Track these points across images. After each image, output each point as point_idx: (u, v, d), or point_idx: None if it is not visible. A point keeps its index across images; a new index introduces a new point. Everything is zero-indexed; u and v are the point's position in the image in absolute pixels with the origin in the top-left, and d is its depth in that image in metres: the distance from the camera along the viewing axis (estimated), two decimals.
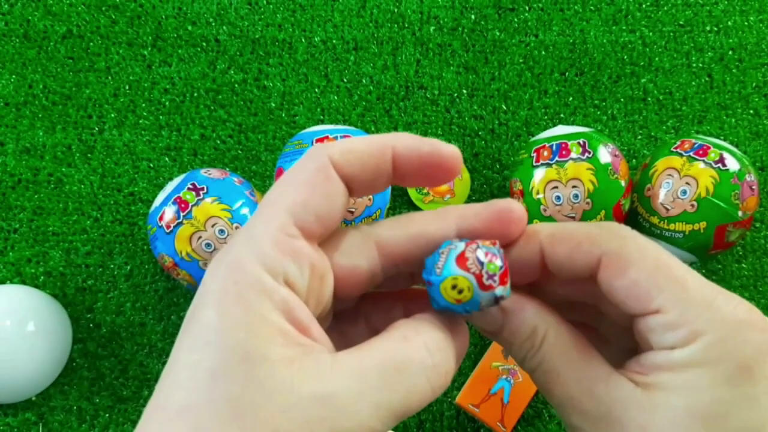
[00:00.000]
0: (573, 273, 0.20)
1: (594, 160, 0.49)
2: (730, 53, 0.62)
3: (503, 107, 0.60)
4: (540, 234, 0.21)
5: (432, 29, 0.63)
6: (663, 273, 0.18)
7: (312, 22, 0.63)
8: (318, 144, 0.20)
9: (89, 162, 0.58)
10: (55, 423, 0.51)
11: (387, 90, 0.61)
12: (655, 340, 0.19)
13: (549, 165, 0.49)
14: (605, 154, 0.49)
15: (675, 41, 0.62)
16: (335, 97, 0.60)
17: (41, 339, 0.49)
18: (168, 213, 0.47)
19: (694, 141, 0.51)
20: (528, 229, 0.21)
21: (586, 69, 0.61)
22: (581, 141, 0.49)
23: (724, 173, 0.48)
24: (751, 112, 0.60)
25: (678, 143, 0.51)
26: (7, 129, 0.59)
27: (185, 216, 0.47)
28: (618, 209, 0.49)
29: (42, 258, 0.55)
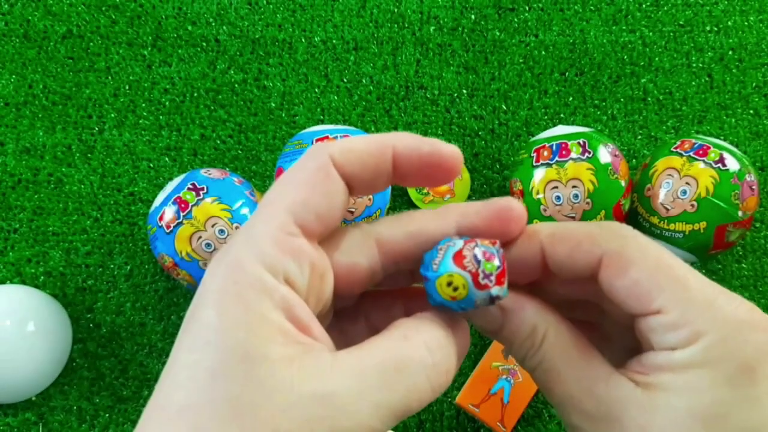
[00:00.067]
0: (574, 272, 0.20)
1: (594, 160, 0.49)
2: (730, 53, 0.62)
3: (503, 107, 0.60)
4: (540, 233, 0.21)
5: (432, 29, 0.63)
6: (664, 273, 0.18)
7: (312, 22, 0.63)
8: (318, 143, 0.20)
9: (89, 162, 0.58)
10: (55, 423, 0.51)
11: (387, 90, 0.61)
12: (656, 340, 0.19)
13: (549, 165, 0.49)
14: (605, 154, 0.49)
15: (675, 41, 0.62)
16: (335, 97, 0.60)
17: (41, 339, 0.49)
18: (168, 213, 0.47)
19: (694, 141, 0.51)
20: (528, 229, 0.21)
21: (586, 69, 0.61)
22: (581, 141, 0.49)
23: (724, 173, 0.48)
24: (751, 112, 0.60)
25: (678, 143, 0.51)
26: (7, 129, 0.59)
27: (185, 216, 0.47)
28: (618, 209, 0.49)
29: (42, 258, 0.55)
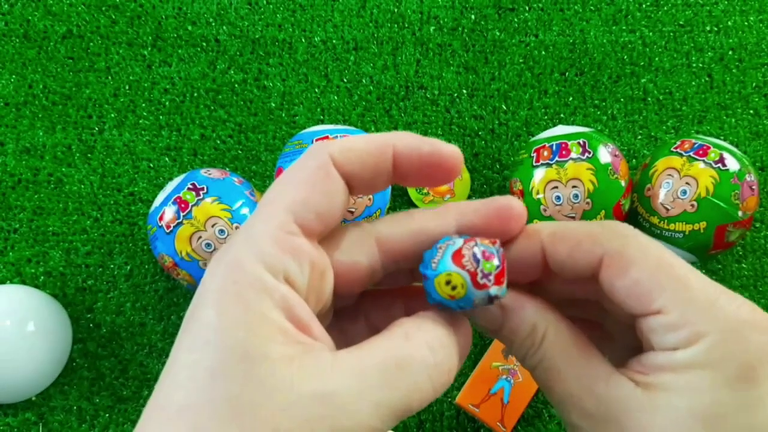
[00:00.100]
0: (574, 272, 0.20)
1: (594, 160, 0.49)
2: (730, 53, 0.62)
3: (503, 107, 0.60)
4: (541, 233, 0.20)
5: (432, 29, 0.63)
6: (665, 273, 0.18)
7: (312, 22, 0.63)
8: (318, 142, 0.20)
9: (89, 162, 0.58)
10: (55, 423, 0.51)
11: (387, 90, 0.61)
12: (657, 340, 0.19)
13: (549, 165, 0.49)
14: (605, 154, 0.49)
15: (675, 41, 0.62)
16: (335, 97, 0.60)
17: (41, 339, 0.49)
18: (168, 213, 0.47)
19: (694, 141, 0.51)
20: (529, 228, 0.21)
21: (586, 69, 0.61)
22: (581, 141, 0.49)
23: (724, 173, 0.48)
24: (751, 112, 0.60)
25: (678, 143, 0.51)
26: (7, 129, 0.59)
27: (185, 216, 0.47)
28: (618, 209, 0.49)
29: (42, 258, 0.55)
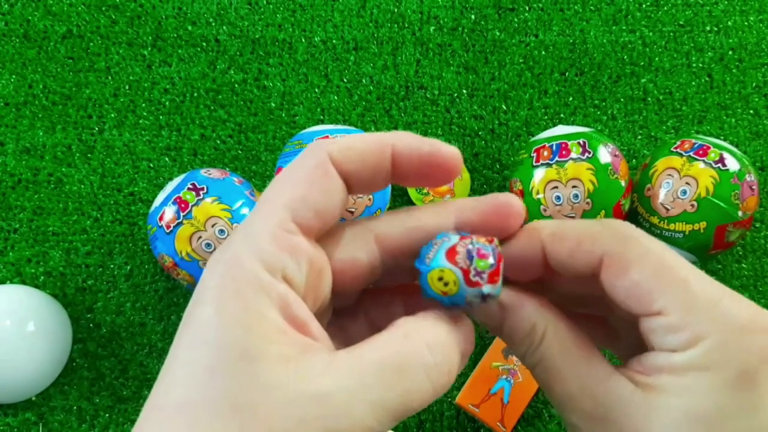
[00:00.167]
0: (575, 271, 0.20)
1: (594, 160, 0.49)
2: (730, 53, 0.62)
3: (503, 107, 0.60)
4: (541, 232, 0.20)
5: (432, 29, 0.63)
6: (666, 274, 0.18)
7: (312, 22, 0.63)
8: (317, 141, 0.20)
9: (89, 162, 0.58)
10: (55, 423, 0.51)
11: (387, 90, 0.61)
12: (657, 341, 0.18)
13: (549, 165, 0.49)
14: (605, 154, 0.49)
15: (675, 41, 0.62)
16: (335, 97, 0.60)
17: (41, 339, 0.49)
18: (168, 213, 0.47)
19: (694, 141, 0.51)
20: (529, 227, 0.21)
21: (586, 69, 0.61)
22: (581, 141, 0.49)
23: (724, 173, 0.48)
24: (751, 112, 0.60)
25: (678, 143, 0.51)
26: (7, 129, 0.59)
27: (185, 216, 0.47)
28: (618, 209, 0.49)
29: (42, 258, 0.55)
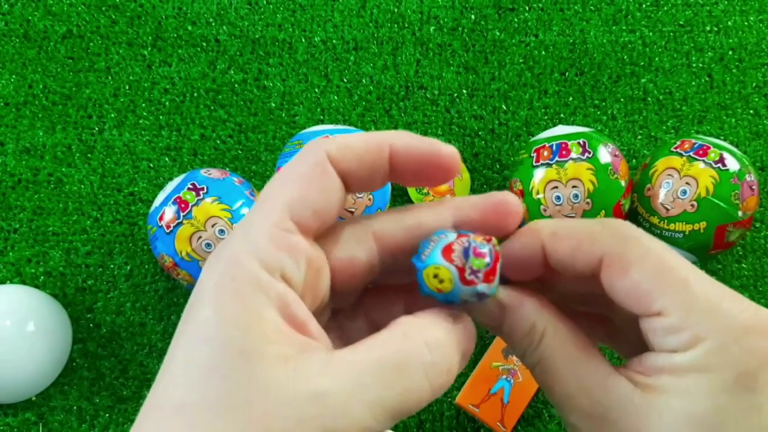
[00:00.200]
0: (575, 271, 0.20)
1: (594, 160, 0.49)
2: (730, 53, 0.62)
3: (503, 107, 0.60)
4: (541, 231, 0.20)
5: (432, 29, 0.63)
6: (666, 274, 0.18)
7: (312, 22, 0.63)
8: (315, 140, 0.20)
9: (89, 162, 0.58)
10: (55, 423, 0.51)
11: (387, 90, 0.61)
12: (657, 342, 0.18)
13: (549, 165, 0.49)
14: (605, 154, 0.49)
15: (675, 41, 0.62)
16: (335, 97, 0.60)
17: (41, 339, 0.49)
18: (168, 213, 0.47)
19: (694, 141, 0.51)
20: (529, 227, 0.21)
21: (586, 69, 0.61)
22: (581, 141, 0.49)
23: (724, 173, 0.48)
24: (751, 112, 0.60)
25: (678, 143, 0.51)
26: (7, 129, 0.59)
27: (185, 216, 0.47)
28: (618, 209, 0.49)
29: (42, 258, 0.55)
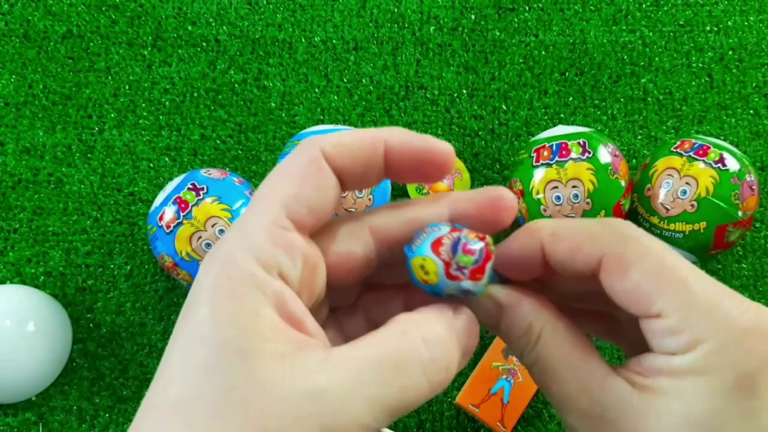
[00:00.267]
0: (575, 271, 0.20)
1: (594, 160, 0.49)
2: (730, 53, 0.62)
3: (503, 107, 0.60)
4: (541, 231, 0.20)
5: (432, 29, 0.63)
6: (665, 276, 0.18)
7: (312, 22, 0.63)
8: (310, 137, 0.20)
9: (89, 162, 0.58)
10: (55, 423, 0.51)
11: (387, 90, 0.61)
12: (656, 343, 0.18)
13: (549, 165, 0.49)
14: (605, 154, 0.49)
15: (675, 41, 0.62)
16: (335, 97, 0.60)
17: (41, 339, 0.49)
18: (168, 213, 0.47)
19: (694, 141, 0.51)
20: (529, 226, 0.21)
21: (586, 69, 0.61)
22: (581, 141, 0.49)
23: (724, 173, 0.48)
24: (751, 112, 0.60)
25: (678, 143, 0.51)
26: (7, 129, 0.59)
27: (185, 216, 0.47)
28: (618, 209, 0.49)
29: (42, 258, 0.55)
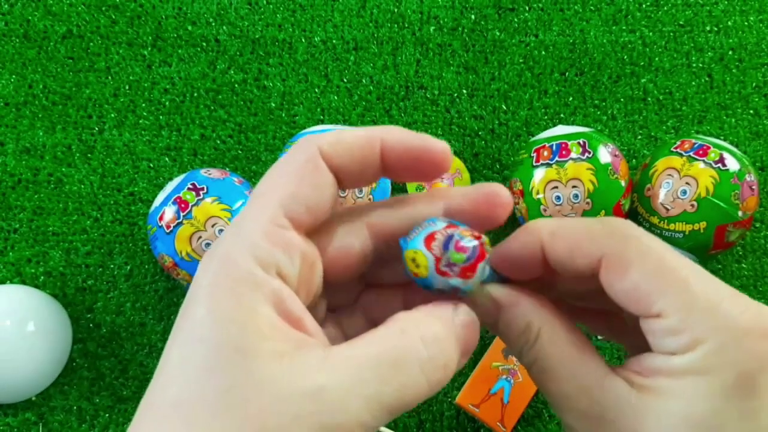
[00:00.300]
0: (575, 271, 0.20)
1: (594, 160, 0.49)
2: (730, 53, 0.62)
3: (503, 107, 0.60)
4: (541, 231, 0.20)
5: (432, 29, 0.62)
6: (665, 275, 0.18)
7: (312, 22, 0.63)
8: (307, 136, 0.20)
9: (89, 162, 0.58)
10: (55, 423, 0.51)
11: (387, 90, 0.61)
12: (656, 343, 0.18)
13: (549, 165, 0.49)
14: (605, 154, 0.49)
15: (675, 41, 0.62)
16: (335, 97, 0.60)
17: (41, 339, 0.49)
18: (168, 213, 0.47)
19: (694, 141, 0.51)
20: (529, 226, 0.21)
21: (586, 69, 0.61)
22: (581, 141, 0.49)
23: (724, 173, 0.48)
24: (751, 112, 0.60)
25: (678, 143, 0.51)
26: (7, 129, 0.59)
27: (185, 216, 0.47)
28: (618, 209, 0.49)
29: (42, 258, 0.55)
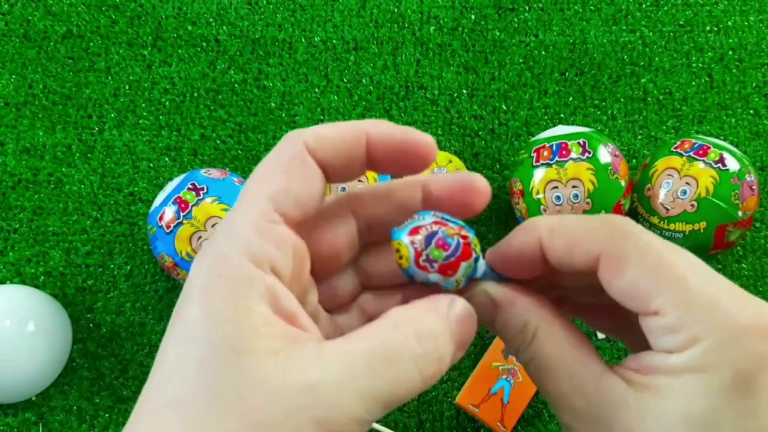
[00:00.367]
0: (574, 269, 0.20)
1: (594, 160, 0.49)
2: (730, 53, 0.62)
3: (503, 107, 0.60)
4: (539, 229, 0.20)
5: (432, 29, 0.62)
6: (664, 273, 0.18)
7: (312, 22, 0.63)
8: (292, 132, 0.20)
9: (89, 162, 0.58)
10: (55, 423, 0.51)
11: (387, 90, 0.61)
12: (654, 341, 0.18)
13: (549, 165, 0.49)
14: (605, 154, 0.49)
15: (675, 41, 0.62)
16: (335, 97, 0.60)
17: (41, 339, 0.49)
18: (168, 213, 0.47)
19: (694, 141, 0.51)
20: (528, 223, 0.21)
21: (586, 69, 0.61)
22: (581, 141, 0.49)
23: (724, 173, 0.48)
24: (751, 112, 0.60)
25: (678, 143, 0.51)
26: (7, 129, 0.59)
27: (185, 216, 0.47)
28: (618, 209, 0.49)
29: (42, 258, 0.55)
